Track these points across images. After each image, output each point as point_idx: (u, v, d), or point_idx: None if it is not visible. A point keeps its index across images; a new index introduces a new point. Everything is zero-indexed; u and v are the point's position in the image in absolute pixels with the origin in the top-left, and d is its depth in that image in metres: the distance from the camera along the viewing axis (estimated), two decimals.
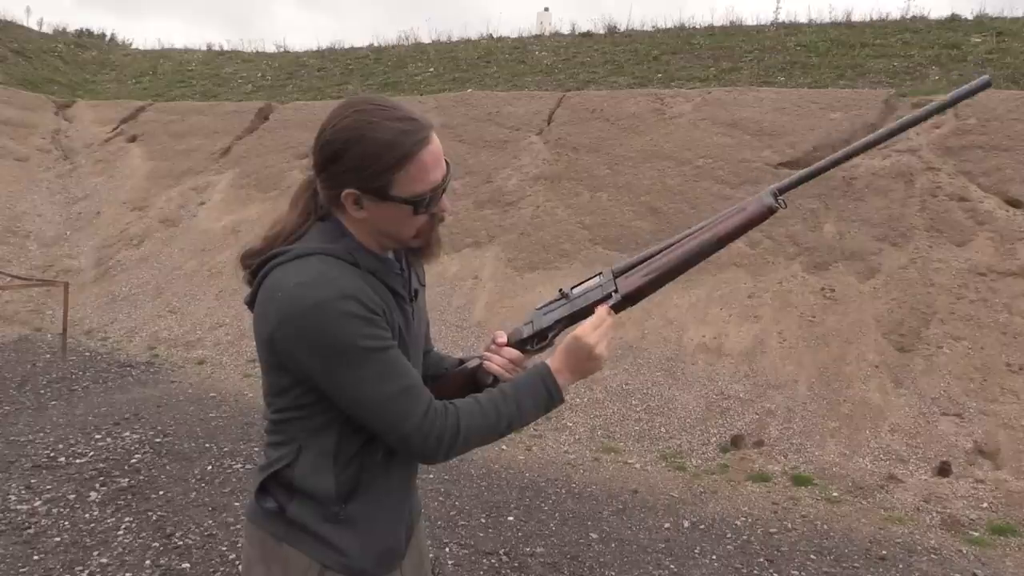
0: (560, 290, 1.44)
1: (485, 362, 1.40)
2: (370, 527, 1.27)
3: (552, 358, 1.32)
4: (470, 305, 6.60)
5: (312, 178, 1.27)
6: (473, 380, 1.42)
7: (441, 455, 1.22)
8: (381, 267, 1.25)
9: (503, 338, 1.43)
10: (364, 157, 1.15)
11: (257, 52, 13.82)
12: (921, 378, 4.95)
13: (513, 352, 1.41)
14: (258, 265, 1.23)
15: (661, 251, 1.37)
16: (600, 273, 1.41)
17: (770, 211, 1.33)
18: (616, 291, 1.36)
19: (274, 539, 1.25)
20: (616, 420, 5.18)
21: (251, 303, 1.24)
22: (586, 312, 1.38)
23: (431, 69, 10.79)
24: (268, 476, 1.25)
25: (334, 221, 1.24)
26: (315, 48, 13.34)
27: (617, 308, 1.36)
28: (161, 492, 3.87)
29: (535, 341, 1.43)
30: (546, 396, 1.28)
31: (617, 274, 1.38)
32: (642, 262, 1.37)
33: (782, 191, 1.33)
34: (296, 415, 1.23)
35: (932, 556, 3.59)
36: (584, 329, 1.31)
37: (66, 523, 3.46)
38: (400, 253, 1.33)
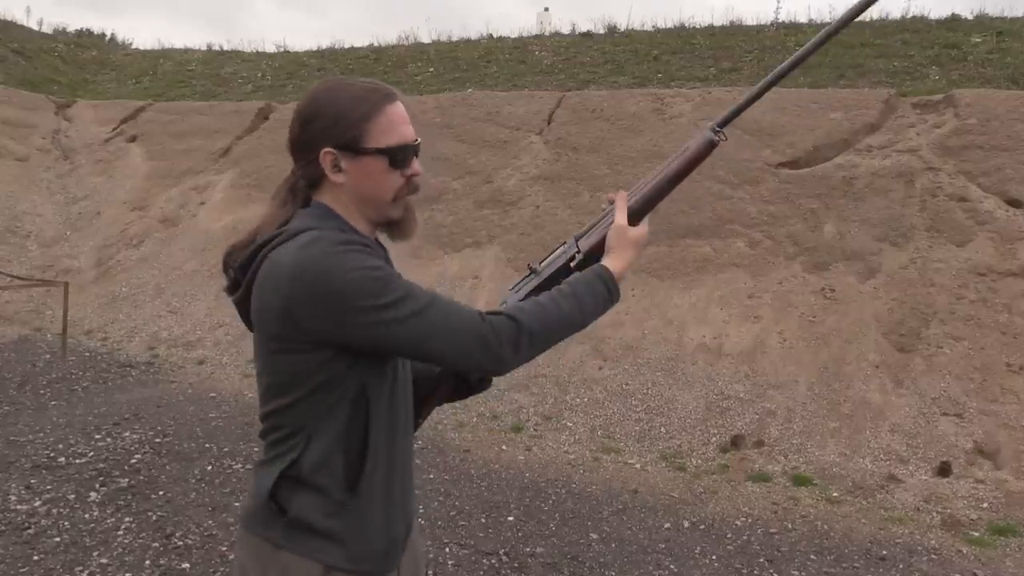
0: (528, 265, 1.49)
1: None
2: (373, 516, 1.24)
3: (606, 258, 1.36)
4: (470, 305, 6.59)
5: (291, 173, 1.28)
6: (456, 374, 1.44)
7: (518, 352, 1.21)
8: (372, 244, 1.27)
9: None
10: (336, 114, 1.21)
11: (257, 52, 13.80)
12: (921, 378, 4.95)
13: None
14: (251, 254, 1.22)
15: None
16: (564, 243, 1.47)
17: (711, 144, 1.40)
18: (579, 252, 1.43)
19: (271, 545, 1.21)
20: (616, 420, 5.18)
21: (240, 293, 1.24)
22: (555, 281, 1.40)
23: (431, 69, 10.78)
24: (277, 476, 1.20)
25: (318, 205, 1.25)
26: (315, 48, 13.34)
27: (580, 266, 1.41)
28: (161, 492, 3.87)
29: None
30: (605, 293, 1.32)
31: (579, 237, 1.45)
32: (599, 222, 1.44)
33: (721, 125, 1.41)
34: (307, 398, 1.18)
35: (932, 556, 3.59)
36: (620, 222, 1.38)
37: (66, 523, 3.46)
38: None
